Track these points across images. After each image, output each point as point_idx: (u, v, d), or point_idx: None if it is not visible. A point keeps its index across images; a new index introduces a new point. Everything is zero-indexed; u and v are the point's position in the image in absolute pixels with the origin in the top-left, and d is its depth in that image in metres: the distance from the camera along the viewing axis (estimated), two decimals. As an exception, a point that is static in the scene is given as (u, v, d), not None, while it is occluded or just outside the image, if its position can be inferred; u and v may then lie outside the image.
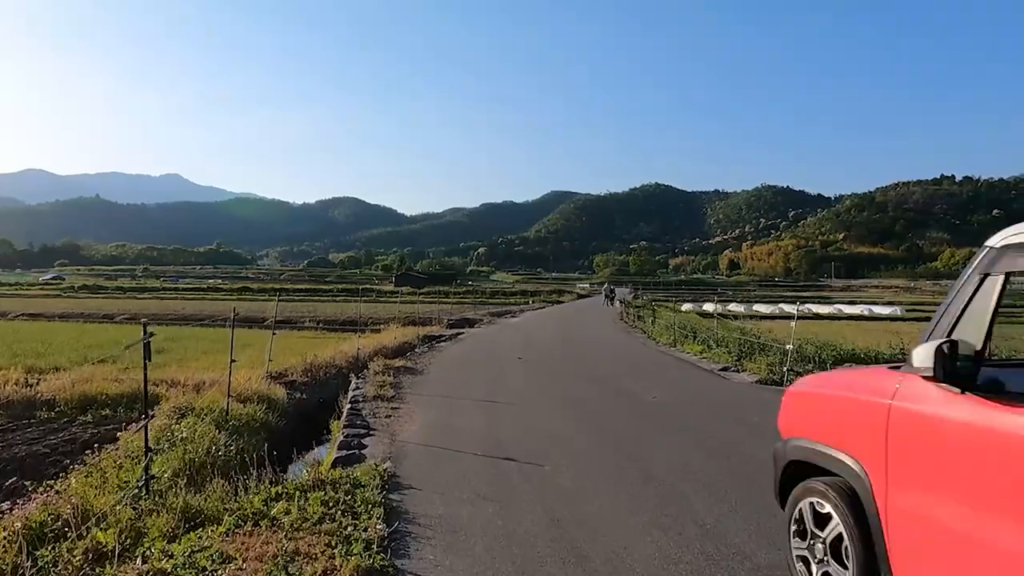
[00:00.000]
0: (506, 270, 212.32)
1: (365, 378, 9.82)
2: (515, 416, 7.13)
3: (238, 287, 77.21)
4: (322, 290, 71.77)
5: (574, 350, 14.95)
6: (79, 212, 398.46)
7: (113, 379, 10.60)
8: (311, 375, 11.64)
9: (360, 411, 7.38)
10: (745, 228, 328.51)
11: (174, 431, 6.81)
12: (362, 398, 8.14)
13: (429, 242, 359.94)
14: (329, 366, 12.53)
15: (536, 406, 7.74)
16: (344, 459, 5.39)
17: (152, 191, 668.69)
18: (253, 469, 5.04)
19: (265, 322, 29.15)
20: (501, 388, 9.13)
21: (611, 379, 10.14)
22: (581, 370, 11.21)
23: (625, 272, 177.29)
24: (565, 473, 4.93)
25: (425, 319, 26.34)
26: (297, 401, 10.14)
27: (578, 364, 12.13)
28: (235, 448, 6.48)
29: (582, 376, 10.44)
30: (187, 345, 18.54)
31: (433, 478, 4.86)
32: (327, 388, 11.31)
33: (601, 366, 11.94)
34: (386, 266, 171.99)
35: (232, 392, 9.00)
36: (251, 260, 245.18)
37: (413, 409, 7.60)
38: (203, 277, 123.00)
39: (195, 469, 5.69)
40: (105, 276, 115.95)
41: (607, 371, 11.16)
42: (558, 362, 12.48)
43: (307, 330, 25.64)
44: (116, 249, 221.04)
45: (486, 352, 14.55)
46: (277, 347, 18.02)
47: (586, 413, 7.30)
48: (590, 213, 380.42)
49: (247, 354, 14.77)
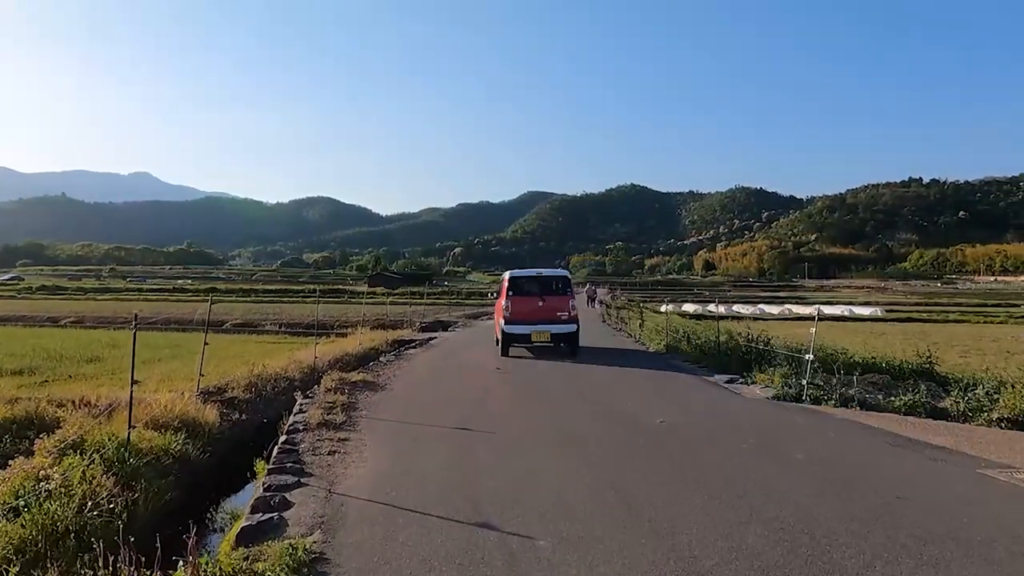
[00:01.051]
0: (483, 270, 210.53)
1: (314, 396, 8.22)
2: (496, 453, 5.62)
3: (206, 287, 74.22)
4: (292, 291, 69.38)
5: (558, 358, 13.51)
6: (44, 211, 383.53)
7: (9, 398, 8.82)
8: (256, 390, 9.97)
9: (297, 446, 5.81)
10: (719, 229, 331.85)
11: (50, 477, 5.18)
12: (303, 425, 6.56)
13: (405, 242, 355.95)
14: (279, 379, 10.86)
15: (520, 436, 6.25)
16: (255, 529, 3.84)
17: (121, 190, 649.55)
18: (126, 549, 3.49)
19: (224, 325, 27.17)
20: (477, 411, 7.61)
21: (604, 394, 8.71)
22: (569, 384, 9.76)
23: (602, 272, 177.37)
24: (570, 556, 3.47)
25: (396, 322, 24.71)
26: (234, 424, 8.49)
27: (565, 376, 10.69)
28: (123, 502, 4.88)
29: (571, 392, 8.98)
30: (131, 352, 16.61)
31: (380, 568, 3.36)
32: (274, 406, 9.68)
33: (591, 377, 10.52)
34: (361, 266, 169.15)
35: (149, 417, 7.38)
36: (223, 260, 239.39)
37: (365, 441, 6.04)
38: (172, 277, 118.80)
39: (50, 544, 4.11)
40: (69, 276, 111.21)
41: (598, 384, 9.73)
42: (541, 373, 11.03)
43: (268, 334, 23.72)
44: (82, 249, 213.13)
45: (460, 361, 12.99)
46: (227, 355, 16.30)
47: (582, 451, 5.78)
48: (566, 213, 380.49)
49: (189, 365, 13.04)
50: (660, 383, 9.89)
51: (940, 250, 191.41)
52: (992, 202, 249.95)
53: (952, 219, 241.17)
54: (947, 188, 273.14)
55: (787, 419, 7.15)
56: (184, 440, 6.91)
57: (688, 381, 10.14)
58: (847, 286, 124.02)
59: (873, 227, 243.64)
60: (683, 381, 10.14)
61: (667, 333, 15.14)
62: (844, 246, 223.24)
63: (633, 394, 8.76)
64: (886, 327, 29.04)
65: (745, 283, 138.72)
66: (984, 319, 36.21)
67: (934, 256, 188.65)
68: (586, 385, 9.57)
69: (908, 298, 73.37)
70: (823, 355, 9.26)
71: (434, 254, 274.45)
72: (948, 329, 27.75)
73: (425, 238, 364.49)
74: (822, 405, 8.02)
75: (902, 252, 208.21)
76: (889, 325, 31.25)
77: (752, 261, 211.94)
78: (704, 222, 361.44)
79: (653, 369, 11.45)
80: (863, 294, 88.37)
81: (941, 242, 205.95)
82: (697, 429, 6.62)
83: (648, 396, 8.62)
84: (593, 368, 11.52)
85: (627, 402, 8.15)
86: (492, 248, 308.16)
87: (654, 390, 9.17)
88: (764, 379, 9.64)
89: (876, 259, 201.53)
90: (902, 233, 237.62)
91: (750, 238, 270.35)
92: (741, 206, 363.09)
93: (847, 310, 46.22)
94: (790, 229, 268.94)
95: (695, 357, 12.42)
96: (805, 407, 7.97)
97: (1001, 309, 47.33)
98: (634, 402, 8.14)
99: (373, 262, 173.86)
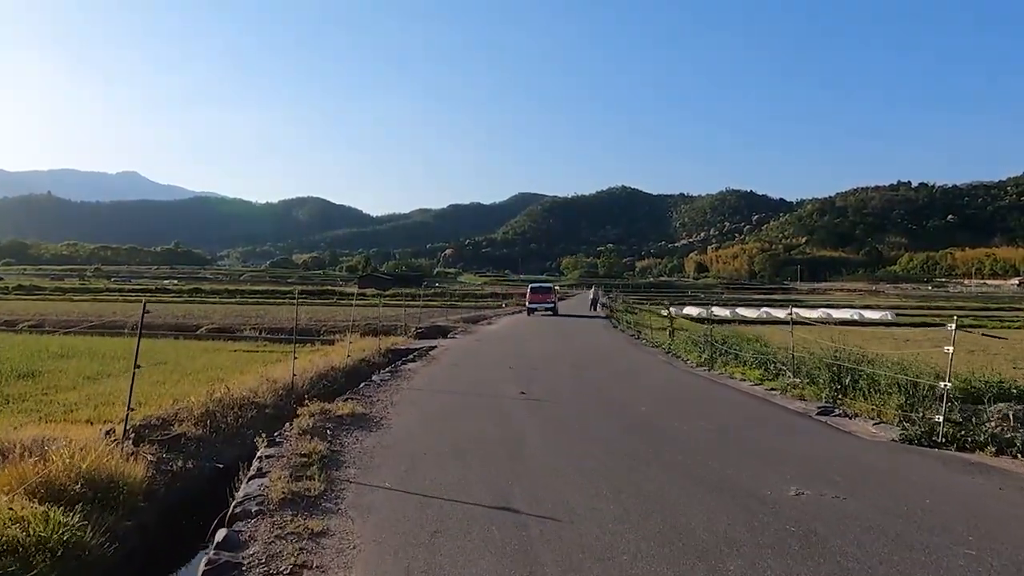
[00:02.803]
0: (474, 271, 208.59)
1: (283, 442, 5.94)
2: (566, 565, 3.45)
3: (189, 288, 71.35)
4: (280, 292, 66.75)
5: (589, 377, 11.32)
6: (29, 210, 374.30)
7: None
8: (212, 423, 7.70)
9: (239, 553, 3.56)
10: (710, 231, 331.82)
11: None
12: (259, 503, 4.28)
13: (395, 243, 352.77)
14: (246, 404, 8.56)
15: (601, 530, 4.07)
16: None
17: (109, 189, 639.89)
18: None
19: (198, 331, 24.67)
20: (516, 468, 5.26)
21: (669, 439, 6.53)
22: (612, 417, 7.56)
23: (594, 274, 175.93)
24: None
25: (389, 327, 22.41)
26: (175, 477, 6.21)
27: (605, 406, 8.49)
28: None
29: (623, 430, 6.80)
30: (79, 364, 14.18)
31: None
32: (235, 445, 7.44)
33: (636, 404, 8.35)
34: (351, 267, 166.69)
35: (40, 477, 5.12)
36: (211, 260, 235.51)
37: (354, 540, 3.79)
38: (158, 278, 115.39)
39: None
40: (52, 276, 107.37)
41: (654, 421, 7.54)
42: (574, 400, 8.86)
43: (246, 340, 21.27)
44: (67, 248, 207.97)
45: (472, 380, 10.72)
46: (192, 368, 13.94)
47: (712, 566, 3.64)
48: (557, 215, 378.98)
49: (147, 382, 10.74)
50: (730, 416, 7.73)
51: (930, 253, 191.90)
52: (980, 206, 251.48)
53: (941, 223, 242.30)
54: (935, 192, 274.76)
55: (957, 485, 5.01)
56: (86, 515, 4.64)
57: (766, 413, 7.98)
58: (839, 289, 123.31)
59: (863, 230, 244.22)
60: (760, 414, 7.99)
61: (710, 344, 12.97)
62: (834, 249, 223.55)
63: (707, 439, 6.60)
64: (907, 332, 26.45)
65: (738, 285, 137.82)
66: (1001, 323, 34.46)
67: (924, 259, 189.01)
68: (634, 417, 7.40)
69: (904, 301, 72.20)
70: (963, 383, 7.14)
71: (425, 255, 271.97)
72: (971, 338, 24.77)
73: (416, 239, 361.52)
74: (977, 452, 5.92)
75: (892, 255, 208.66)
76: (906, 330, 28.78)
77: (743, 264, 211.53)
78: (695, 224, 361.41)
79: (710, 394, 9.29)
80: (857, 297, 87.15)
81: (930, 245, 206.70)
82: (835, 505, 4.45)
83: (727, 441, 6.48)
84: (639, 395, 9.34)
85: (708, 454, 5.97)
86: (483, 249, 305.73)
87: (729, 430, 7.01)
88: (867, 409, 7.54)
89: (866, 262, 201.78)
90: (891, 236, 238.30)
91: (740, 241, 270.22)
92: (731, 208, 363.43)
93: (856, 314, 44.36)
94: (780, 232, 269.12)
95: (756, 377, 10.29)
96: (954, 455, 5.86)
97: (1009, 313, 45.93)
98: (718, 455, 5.97)
99: (363, 263, 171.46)
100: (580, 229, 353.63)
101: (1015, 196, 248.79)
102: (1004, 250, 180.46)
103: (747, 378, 10.18)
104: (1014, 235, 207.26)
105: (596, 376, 11.25)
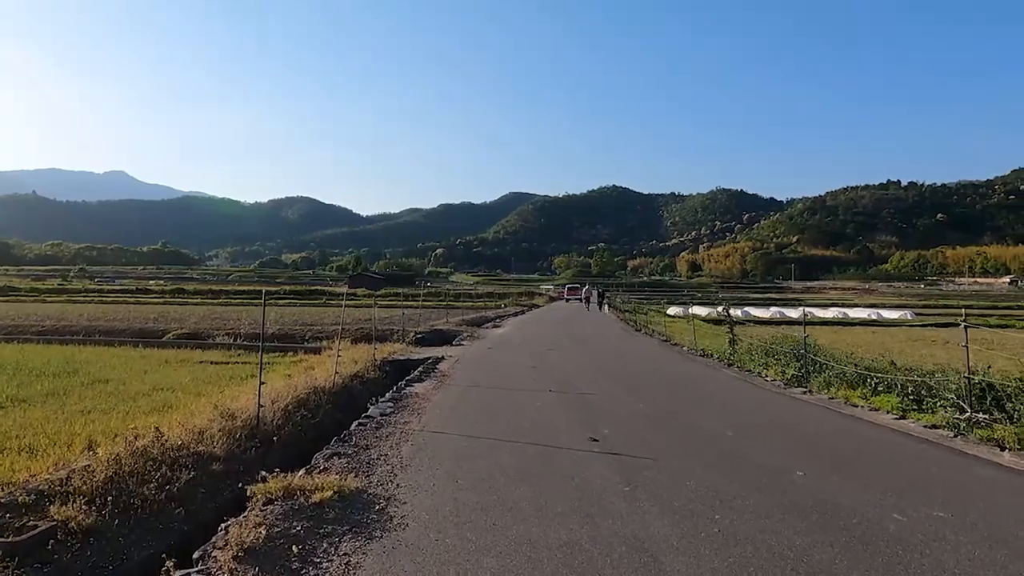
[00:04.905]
0: (465, 271, 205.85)
1: (212, 568, 3.20)
2: None
3: (172, 288, 67.81)
4: (268, 292, 63.39)
5: (661, 404, 8.62)
6: (14, 209, 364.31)
7: None
8: (118, 496, 4.94)
9: None
10: (701, 230, 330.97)
11: None
12: None
13: (386, 243, 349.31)
14: (184, 457, 5.81)
15: None
16: None
17: (96, 188, 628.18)
18: None
19: (164, 337, 21.67)
20: None
21: (875, 539, 3.94)
22: (761, 493, 4.93)
23: (587, 273, 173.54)
24: None
25: (384, 330, 19.60)
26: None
27: (731, 471, 5.85)
28: None
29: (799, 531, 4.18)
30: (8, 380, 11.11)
31: None
32: (153, 533, 4.69)
33: (757, 454, 5.71)
34: (341, 266, 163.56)
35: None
36: (199, 260, 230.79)
37: None
38: (144, 278, 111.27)
39: None
40: (33, 277, 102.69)
41: (817, 493, 4.90)
42: (674, 453, 6.19)
43: (218, 349, 18.29)
44: (51, 248, 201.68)
45: (510, 420, 7.24)
46: (136, 391, 11.00)
47: None
48: (548, 215, 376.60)
49: (67, 411, 7.87)
50: (892, 468, 5.11)
51: (921, 252, 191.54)
52: (969, 205, 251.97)
53: (931, 221, 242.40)
54: (925, 191, 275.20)
55: None
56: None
57: (932, 457, 5.35)
58: (832, 287, 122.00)
59: (853, 229, 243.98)
60: (926, 459, 5.37)
61: (791, 357, 10.29)
62: (825, 248, 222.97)
63: (878, 502, 3.99)
64: (944, 334, 23.36)
65: (732, 284, 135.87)
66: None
67: (915, 258, 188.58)
68: (792, 492, 4.75)
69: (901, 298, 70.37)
70: None
71: (416, 255, 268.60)
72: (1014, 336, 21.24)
73: (406, 239, 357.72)
74: None
75: (883, 254, 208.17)
76: (941, 332, 25.83)
77: (736, 262, 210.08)
78: (686, 223, 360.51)
79: (833, 427, 6.65)
80: (854, 295, 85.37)
81: (920, 244, 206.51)
82: None
83: (911, 507, 3.87)
84: (750, 435, 6.67)
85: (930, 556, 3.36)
86: (474, 249, 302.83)
87: (908, 492, 4.40)
88: None
89: (858, 261, 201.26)
90: (882, 235, 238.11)
91: (732, 240, 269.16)
92: (722, 208, 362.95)
93: (874, 313, 41.97)
94: (771, 231, 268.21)
95: (895, 406, 7.59)
96: None
97: (1019, 312, 43.70)
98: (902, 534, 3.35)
99: (354, 262, 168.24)
100: (571, 228, 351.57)
101: (1003, 195, 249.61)
102: (994, 248, 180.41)
103: (878, 407, 7.50)
104: (1003, 233, 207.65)
105: (668, 405, 8.44)
